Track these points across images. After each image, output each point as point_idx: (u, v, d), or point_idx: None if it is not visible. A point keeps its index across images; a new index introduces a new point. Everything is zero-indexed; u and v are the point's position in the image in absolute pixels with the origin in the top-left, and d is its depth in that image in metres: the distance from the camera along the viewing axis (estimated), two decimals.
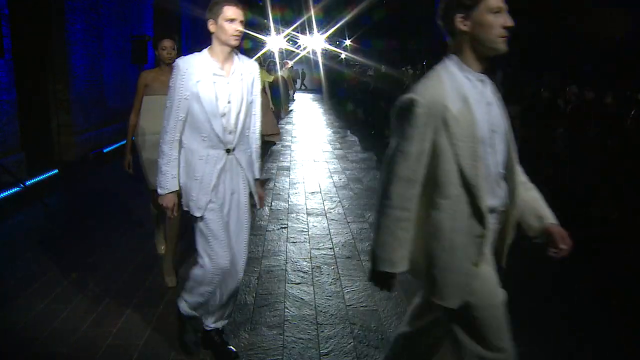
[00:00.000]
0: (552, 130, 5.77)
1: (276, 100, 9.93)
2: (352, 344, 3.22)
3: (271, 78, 8.66)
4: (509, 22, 1.87)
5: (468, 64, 1.94)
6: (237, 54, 2.82)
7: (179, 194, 2.80)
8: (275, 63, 11.65)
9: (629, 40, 8.01)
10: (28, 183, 6.65)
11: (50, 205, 6.19)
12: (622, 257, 4.32)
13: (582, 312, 3.74)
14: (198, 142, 2.73)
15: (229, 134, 2.75)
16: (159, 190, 2.77)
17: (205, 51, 2.75)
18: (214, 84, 2.70)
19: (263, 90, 8.27)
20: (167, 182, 2.75)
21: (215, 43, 2.73)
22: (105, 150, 9.48)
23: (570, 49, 9.22)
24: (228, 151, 2.77)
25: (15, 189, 6.38)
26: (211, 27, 2.68)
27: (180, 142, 2.76)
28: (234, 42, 2.68)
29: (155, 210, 4.32)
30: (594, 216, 4.79)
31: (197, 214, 2.74)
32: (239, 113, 2.77)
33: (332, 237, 5.22)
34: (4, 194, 6.23)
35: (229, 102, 2.74)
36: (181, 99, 2.69)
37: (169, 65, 3.85)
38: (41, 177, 7.30)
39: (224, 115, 2.72)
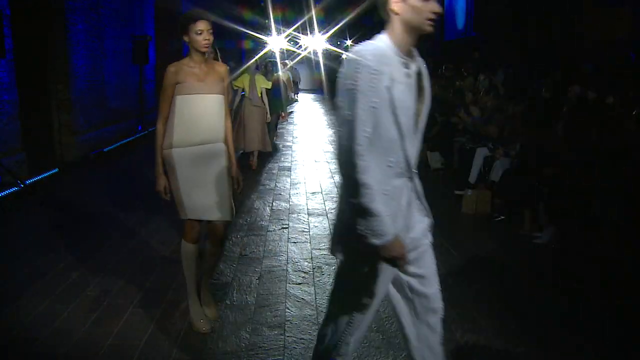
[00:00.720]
0: (553, 130, 5.76)
1: (277, 102, 9.86)
2: None
3: (269, 84, 8.62)
4: None
5: None
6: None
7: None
8: (275, 63, 11.57)
9: (630, 40, 7.99)
10: (28, 182, 6.66)
11: (51, 205, 6.20)
12: (624, 257, 4.32)
13: (583, 312, 3.73)
14: (382, 169, 1.95)
15: (414, 154, 2.06)
16: (377, 241, 1.91)
17: (385, 38, 1.99)
18: (408, 86, 1.98)
19: (260, 98, 8.28)
20: (387, 225, 1.91)
21: (399, 28, 1.98)
22: (105, 150, 9.49)
23: (572, 49, 9.21)
24: (410, 178, 2.07)
25: (16, 189, 6.40)
26: (395, 5, 1.95)
27: None
28: (429, 28, 1.97)
29: (190, 244, 3.27)
30: (596, 216, 4.79)
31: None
32: (423, 126, 2.09)
33: None
34: (4, 194, 6.24)
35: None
36: (368, 108, 1.89)
37: (203, 55, 3.14)
38: (41, 177, 7.31)
39: (416, 129, 2.04)
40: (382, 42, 1.98)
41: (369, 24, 22.37)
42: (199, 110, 3.13)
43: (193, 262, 3.31)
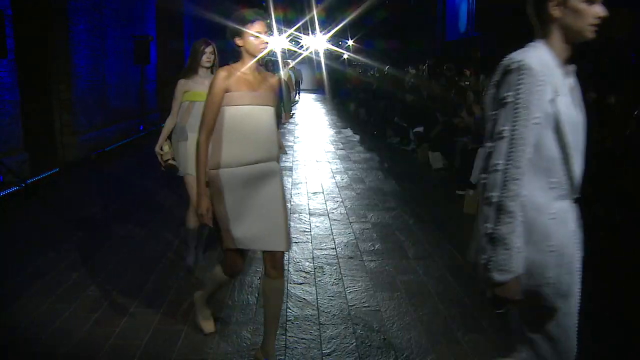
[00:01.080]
0: None
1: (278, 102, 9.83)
2: (354, 344, 3.22)
3: None
4: None
5: None
6: None
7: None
8: (276, 62, 11.55)
9: (630, 40, 7.99)
10: (29, 182, 6.67)
11: (52, 205, 6.21)
12: (626, 257, 4.32)
13: (585, 312, 3.73)
14: (544, 191, 1.78)
15: (580, 173, 1.86)
16: (499, 276, 1.73)
17: (542, 46, 1.81)
18: (571, 99, 1.82)
19: None
20: (515, 262, 1.73)
21: (558, 35, 1.81)
22: (107, 150, 9.50)
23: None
24: (575, 201, 1.88)
25: (17, 188, 6.41)
26: (555, 9, 1.78)
27: None
28: (592, 34, 1.81)
29: (227, 276, 2.98)
30: (597, 216, 4.79)
31: (560, 302, 1.88)
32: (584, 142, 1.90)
33: (335, 237, 5.22)
34: (5, 193, 6.25)
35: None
36: (531, 124, 1.71)
37: (257, 61, 2.77)
38: (43, 177, 7.33)
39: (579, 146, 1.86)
40: (541, 50, 1.79)
41: (371, 23, 22.39)
42: (253, 125, 2.70)
43: (220, 286, 3.15)
